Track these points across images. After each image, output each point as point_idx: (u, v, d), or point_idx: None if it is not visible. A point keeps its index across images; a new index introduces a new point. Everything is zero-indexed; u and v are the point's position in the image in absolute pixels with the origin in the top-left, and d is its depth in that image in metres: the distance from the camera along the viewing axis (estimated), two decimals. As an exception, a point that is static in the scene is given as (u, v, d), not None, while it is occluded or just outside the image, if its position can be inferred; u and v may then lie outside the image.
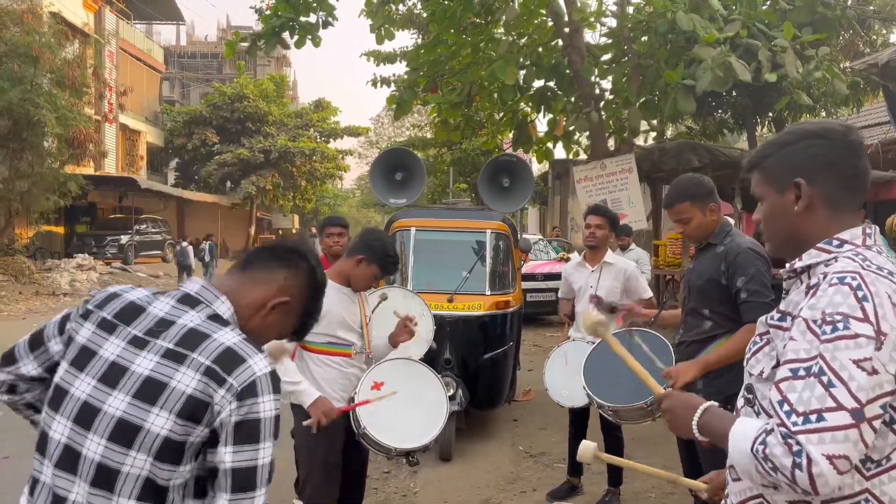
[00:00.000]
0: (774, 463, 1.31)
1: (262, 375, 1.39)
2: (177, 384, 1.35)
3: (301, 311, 1.64)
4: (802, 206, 1.51)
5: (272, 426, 1.40)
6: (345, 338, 3.18)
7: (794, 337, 1.40)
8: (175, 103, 39.48)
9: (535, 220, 31.64)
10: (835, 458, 1.26)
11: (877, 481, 1.39)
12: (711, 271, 3.07)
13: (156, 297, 1.50)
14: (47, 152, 18.35)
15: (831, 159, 1.50)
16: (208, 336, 1.41)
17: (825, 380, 1.31)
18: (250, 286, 1.57)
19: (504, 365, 5.80)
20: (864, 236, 1.49)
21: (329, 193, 45.98)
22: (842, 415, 1.28)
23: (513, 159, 6.65)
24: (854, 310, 1.34)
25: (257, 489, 1.37)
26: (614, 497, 4.48)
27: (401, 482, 5.08)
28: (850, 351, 1.31)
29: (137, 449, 1.33)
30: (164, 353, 1.38)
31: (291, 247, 1.67)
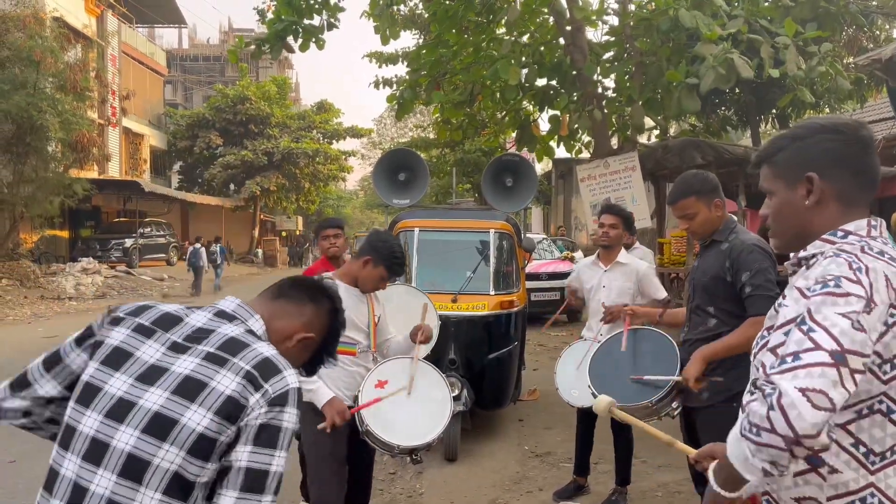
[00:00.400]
0: (756, 423, 1.27)
1: (293, 388, 1.46)
2: (217, 384, 1.41)
3: (318, 348, 1.72)
4: (814, 201, 1.50)
5: (289, 437, 1.46)
6: (351, 336, 3.18)
7: (787, 304, 1.40)
8: (178, 106, 39.59)
9: (539, 220, 31.62)
10: (808, 390, 1.22)
11: (881, 475, 1.38)
12: (716, 268, 3.05)
13: (191, 310, 1.58)
14: (51, 156, 18.41)
15: (844, 154, 1.50)
16: (248, 345, 1.49)
17: (805, 327, 1.29)
18: (280, 315, 1.66)
19: (509, 365, 5.79)
20: (870, 227, 1.48)
21: (333, 195, 46.06)
22: (819, 353, 1.25)
23: (516, 159, 6.64)
24: (847, 273, 1.33)
25: (265, 493, 1.40)
26: (621, 496, 4.47)
27: (406, 483, 5.07)
28: (838, 306, 1.29)
29: (171, 442, 1.37)
30: (205, 356, 1.45)
31: (321, 286, 1.77)
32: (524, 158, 6.67)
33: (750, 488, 1.43)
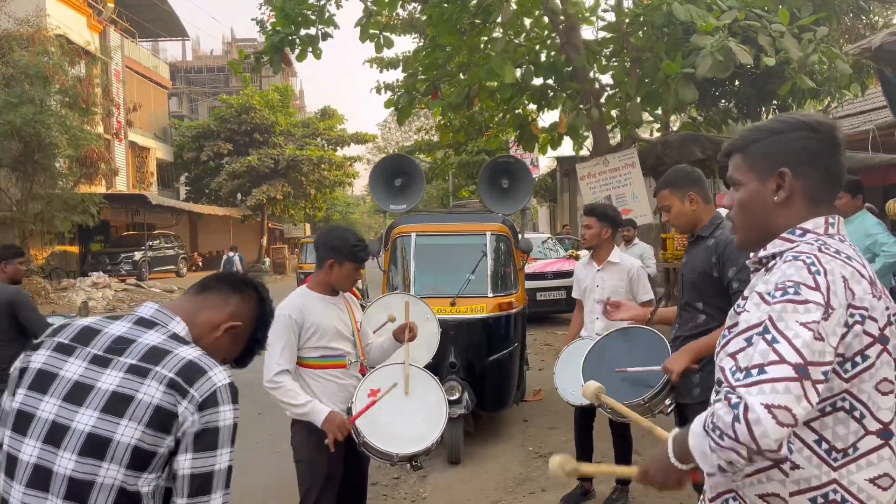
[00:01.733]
0: (720, 427, 1.29)
1: (221, 386, 1.48)
2: (143, 396, 1.42)
3: (248, 337, 1.75)
4: (783, 197, 1.51)
5: (230, 434, 1.48)
6: (338, 348, 3.18)
7: (748, 309, 1.41)
8: (184, 118, 39.84)
9: (546, 218, 31.58)
10: (773, 407, 1.24)
11: (844, 471, 1.39)
12: (703, 264, 3.05)
13: (110, 321, 1.57)
14: (59, 173, 18.58)
15: (818, 153, 1.50)
16: (170, 352, 1.49)
17: (769, 337, 1.30)
18: (204, 308, 1.68)
19: (510, 366, 5.80)
20: (827, 225, 1.49)
21: (340, 201, 46.17)
22: (784, 367, 1.26)
23: (511, 160, 6.64)
24: (806, 279, 1.34)
25: (213, 492, 1.45)
26: (622, 494, 4.47)
27: (410, 488, 5.09)
28: (798, 314, 1.31)
29: (110, 460, 1.39)
30: (128, 369, 1.45)
31: (246, 279, 1.80)
32: (519, 160, 6.67)
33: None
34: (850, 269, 1.39)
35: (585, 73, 9.55)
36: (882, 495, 1.40)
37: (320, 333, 3.11)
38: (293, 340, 3.09)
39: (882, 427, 1.41)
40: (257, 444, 5.93)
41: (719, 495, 1.53)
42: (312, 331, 3.11)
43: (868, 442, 1.40)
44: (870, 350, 1.38)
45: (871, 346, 1.38)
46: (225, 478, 1.47)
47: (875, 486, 1.39)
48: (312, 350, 3.12)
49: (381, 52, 10.53)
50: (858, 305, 1.37)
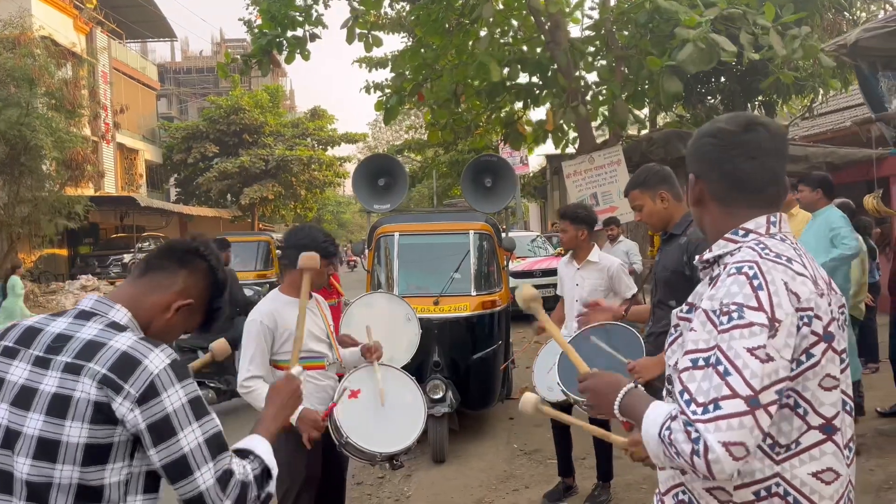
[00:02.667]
0: (677, 448, 1.35)
1: (159, 373, 1.43)
2: (80, 395, 1.40)
3: (205, 308, 1.67)
4: (693, 199, 1.61)
5: (187, 412, 1.44)
6: (315, 350, 3.18)
7: (695, 328, 1.44)
8: (173, 119, 39.70)
9: (537, 216, 31.62)
10: (730, 444, 1.30)
11: (787, 465, 1.42)
12: (675, 263, 3.07)
13: (53, 317, 1.54)
14: (46, 176, 18.48)
15: (716, 158, 1.55)
16: (104, 344, 1.44)
17: (721, 369, 1.34)
18: (150, 291, 1.59)
19: (494, 364, 5.82)
20: (769, 225, 1.52)
21: (331, 201, 46.07)
22: (737, 402, 1.31)
23: (494, 159, 6.67)
24: (749, 299, 1.37)
25: (196, 472, 1.44)
26: (604, 490, 4.49)
27: (395, 487, 5.10)
28: (745, 340, 1.34)
29: (63, 461, 1.39)
30: (64, 368, 1.42)
31: (190, 247, 1.68)
32: (502, 158, 6.70)
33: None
34: (792, 273, 1.42)
35: (571, 71, 9.57)
36: (825, 489, 1.43)
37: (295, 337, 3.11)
38: (264, 346, 3.09)
39: (825, 422, 1.43)
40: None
41: (670, 490, 1.56)
42: (287, 335, 3.11)
43: (810, 437, 1.43)
44: (815, 349, 1.41)
45: (816, 345, 1.41)
46: (206, 451, 1.45)
47: (818, 480, 1.42)
48: (288, 354, 3.12)
49: (371, 51, 10.55)
50: (805, 307, 1.40)
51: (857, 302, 5.79)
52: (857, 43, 4.50)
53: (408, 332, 4.63)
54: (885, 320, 6.10)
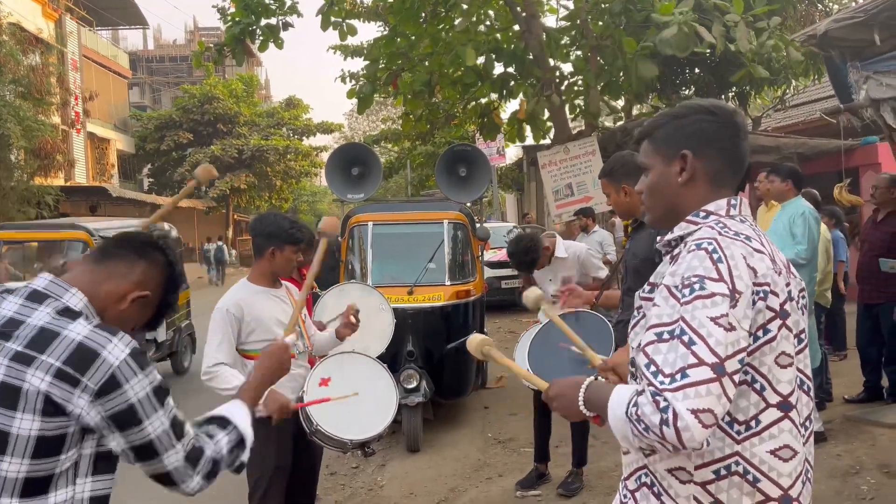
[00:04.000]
0: (645, 422, 1.34)
1: (119, 365, 1.38)
2: (29, 387, 1.34)
3: (157, 304, 1.64)
4: (686, 178, 1.56)
5: (151, 401, 1.42)
6: None
7: (657, 303, 1.45)
8: (146, 108, 39.07)
9: (514, 207, 31.67)
10: (699, 411, 1.30)
11: (747, 444, 1.44)
12: (645, 251, 3.08)
13: (3, 296, 1.47)
14: (15, 165, 18.09)
15: (717, 136, 1.55)
16: (58, 334, 1.38)
17: (686, 339, 1.35)
18: (107, 278, 1.55)
19: (468, 354, 5.80)
20: (729, 207, 1.54)
21: (306, 191, 45.76)
22: (704, 370, 1.32)
23: (468, 148, 6.66)
24: (710, 271, 1.39)
25: (162, 454, 1.44)
26: (577, 477, 4.52)
27: (368, 476, 5.09)
28: (708, 309, 1.36)
29: (11, 454, 1.34)
30: (13, 357, 1.36)
31: (150, 240, 1.65)
32: (476, 148, 6.69)
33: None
34: (750, 249, 1.44)
35: (546, 62, 9.58)
36: (783, 466, 1.45)
37: (263, 327, 3.08)
38: (230, 335, 3.06)
39: (782, 400, 1.46)
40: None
41: (633, 473, 1.58)
42: (254, 325, 3.08)
43: (769, 415, 1.45)
44: (771, 324, 1.43)
45: (772, 321, 1.43)
46: (171, 435, 1.44)
47: (776, 457, 1.44)
48: (257, 343, 3.09)
49: (345, 39, 10.46)
50: (761, 282, 1.42)
51: (822, 290, 5.88)
52: (826, 33, 4.54)
53: (381, 321, 4.62)
54: (853, 308, 6.21)
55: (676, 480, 1.47)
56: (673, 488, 1.47)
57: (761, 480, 1.43)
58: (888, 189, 5.38)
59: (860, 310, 5.65)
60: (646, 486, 1.54)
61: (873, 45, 4.54)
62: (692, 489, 1.45)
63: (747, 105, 14.31)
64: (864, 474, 4.31)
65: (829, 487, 4.09)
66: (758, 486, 1.43)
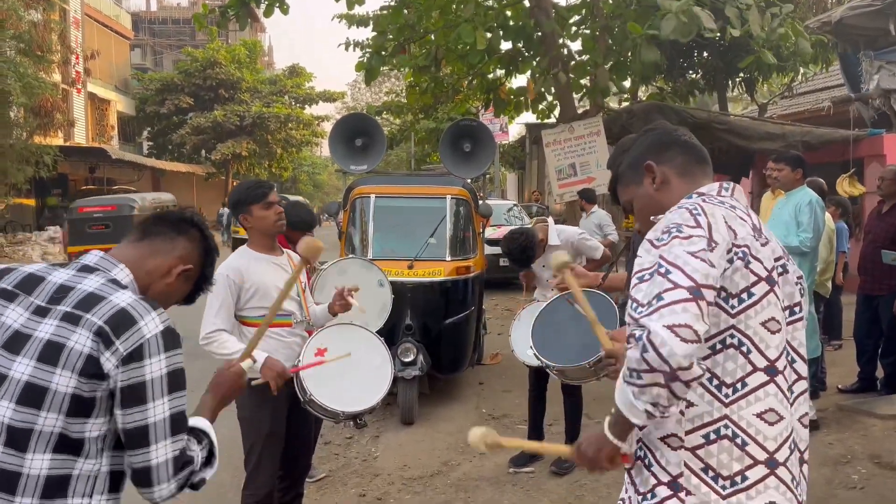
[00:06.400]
0: (633, 367, 1.36)
1: (151, 338, 1.43)
2: (74, 344, 1.40)
3: (197, 277, 1.73)
4: (659, 181, 1.68)
5: (163, 384, 1.45)
6: (284, 308, 3.15)
7: (640, 254, 1.51)
8: (147, 71, 38.70)
9: (514, 185, 31.60)
10: (675, 326, 1.32)
11: (735, 407, 1.46)
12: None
13: (55, 268, 1.55)
14: (14, 123, 17.96)
15: (668, 138, 1.72)
16: (105, 298, 1.45)
17: (663, 270, 1.40)
18: (151, 255, 1.63)
19: (466, 330, 5.83)
20: (720, 189, 1.62)
21: (307, 161, 45.56)
22: (679, 292, 1.36)
23: (474, 124, 6.61)
24: (688, 221, 1.46)
25: (151, 445, 1.44)
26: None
27: (362, 447, 5.12)
28: (685, 245, 1.41)
29: (48, 409, 1.39)
30: (62, 316, 1.42)
31: (187, 217, 1.75)
32: (482, 123, 6.64)
33: (633, 441, 1.54)
34: (733, 214, 1.51)
35: (554, 39, 9.47)
36: (769, 430, 1.47)
37: (262, 293, 3.08)
38: (230, 301, 3.06)
39: (769, 364, 1.48)
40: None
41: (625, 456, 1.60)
42: (253, 290, 3.08)
43: (756, 378, 1.47)
44: (755, 288, 1.47)
45: (756, 285, 1.47)
46: (167, 427, 1.45)
47: (762, 420, 1.47)
48: (255, 309, 3.09)
49: (352, 8, 10.31)
50: (741, 244, 1.48)
51: (823, 280, 5.88)
52: (841, 20, 4.49)
53: (381, 297, 4.62)
54: (851, 299, 6.22)
55: (668, 448, 1.49)
56: (665, 457, 1.49)
57: (749, 444, 1.45)
58: (894, 181, 5.36)
59: (860, 301, 5.66)
60: (639, 460, 1.57)
61: (888, 35, 4.50)
62: (683, 455, 1.47)
63: (754, 91, 14.20)
64: (855, 464, 4.34)
65: (820, 475, 4.12)
66: (746, 449, 1.45)
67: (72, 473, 1.41)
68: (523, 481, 4.41)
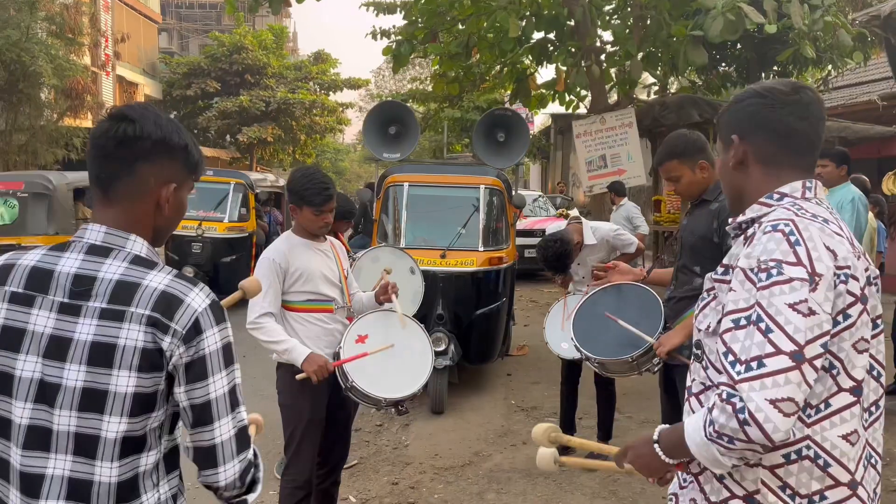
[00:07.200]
0: (726, 434, 1.32)
1: (202, 311, 1.37)
2: (125, 342, 1.33)
3: (188, 171, 1.50)
4: (735, 162, 1.56)
5: (220, 357, 1.39)
6: (325, 293, 3.16)
7: (734, 288, 1.42)
8: (174, 55, 38.90)
9: (537, 176, 31.43)
10: (778, 401, 1.28)
11: (818, 427, 1.41)
12: (704, 228, 3.03)
13: (57, 254, 1.40)
14: (45, 104, 18.16)
15: (766, 117, 1.52)
16: (139, 284, 1.36)
17: (763, 326, 1.33)
18: (131, 204, 1.42)
19: (496, 320, 5.81)
20: (804, 189, 1.50)
21: (330, 148, 45.65)
22: (781, 359, 1.30)
23: (508, 113, 6.55)
24: (787, 255, 1.36)
25: (215, 420, 1.40)
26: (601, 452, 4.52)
27: (392, 435, 5.13)
28: (786, 296, 1.33)
29: (110, 413, 1.33)
30: (100, 314, 1.34)
31: (130, 135, 1.40)
32: (517, 113, 6.58)
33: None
34: (829, 231, 1.41)
35: (587, 29, 9.35)
36: (851, 451, 1.43)
37: (306, 278, 3.10)
38: (277, 285, 3.07)
39: (855, 384, 1.43)
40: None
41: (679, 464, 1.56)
42: (298, 275, 3.09)
43: (841, 399, 1.42)
44: (851, 309, 1.40)
45: (852, 306, 1.40)
46: (228, 401, 1.40)
47: (846, 441, 1.42)
48: (298, 294, 3.10)
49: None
50: (842, 265, 1.39)
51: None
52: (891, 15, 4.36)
53: (412, 284, 4.62)
54: (888, 299, 6.10)
55: (744, 464, 1.44)
56: (739, 471, 1.45)
57: (832, 465, 1.41)
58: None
59: (899, 301, 5.56)
60: (709, 470, 1.51)
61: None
62: (760, 472, 1.43)
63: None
64: (894, 466, 4.27)
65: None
66: (828, 470, 1.41)
67: (139, 472, 1.37)
68: (555, 475, 4.38)
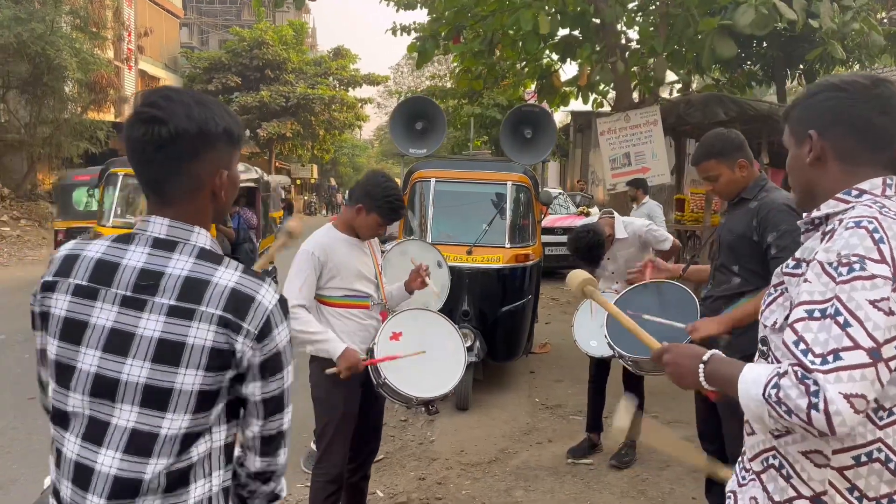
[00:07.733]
0: (789, 406, 1.29)
1: (273, 309, 1.38)
2: (194, 341, 1.31)
3: (234, 149, 1.45)
4: (813, 158, 1.52)
5: (290, 351, 1.44)
6: (361, 290, 3.15)
7: (809, 279, 1.39)
8: (194, 50, 39.16)
9: (556, 174, 31.32)
10: (852, 396, 1.26)
11: (890, 430, 1.38)
12: (743, 227, 2.99)
13: (122, 247, 1.38)
14: (69, 97, 18.35)
15: (846, 112, 1.48)
16: (208, 282, 1.34)
17: (841, 320, 1.30)
18: (189, 197, 1.39)
19: (522, 318, 5.80)
20: (885, 186, 1.46)
21: (348, 143, 45.80)
22: (859, 353, 1.27)
23: (536, 109, 6.52)
24: (870, 251, 1.33)
25: (285, 409, 1.45)
26: (630, 450, 4.51)
27: (418, 430, 5.14)
28: (867, 291, 1.30)
29: (174, 410, 1.32)
30: (168, 312, 1.32)
31: (168, 137, 1.33)
32: (544, 109, 6.56)
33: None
34: None
35: (612, 27, 9.29)
36: None
37: (343, 274, 3.08)
38: (313, 278, 3.05)
39: None
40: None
41: (759, 454, 1.53)
42: (335, 271, 3.07)
43: None
44: None
45: None
46: (289, 392, 1.46)
47: None
48: (335, 290, 3.09)
49: (404, -10, 10.26)
50: None
51: None
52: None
53: (440, 278, 4.61)
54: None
55: (811, 464, 1.42)
56: (806, 471, 1.43)
57: None
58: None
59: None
60: (773, 468, 1.50)
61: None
62: (828, 473, 1.41)
63: (814, 84, 13.76)
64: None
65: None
66: None
67: (193, 462, 1.35)
68: (583, 473, 4.38)
